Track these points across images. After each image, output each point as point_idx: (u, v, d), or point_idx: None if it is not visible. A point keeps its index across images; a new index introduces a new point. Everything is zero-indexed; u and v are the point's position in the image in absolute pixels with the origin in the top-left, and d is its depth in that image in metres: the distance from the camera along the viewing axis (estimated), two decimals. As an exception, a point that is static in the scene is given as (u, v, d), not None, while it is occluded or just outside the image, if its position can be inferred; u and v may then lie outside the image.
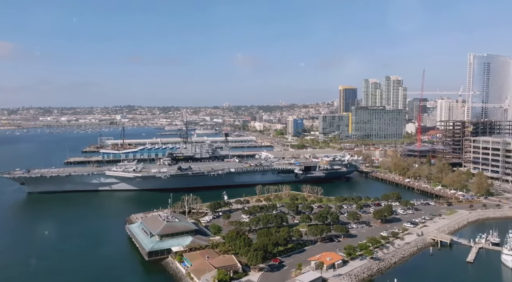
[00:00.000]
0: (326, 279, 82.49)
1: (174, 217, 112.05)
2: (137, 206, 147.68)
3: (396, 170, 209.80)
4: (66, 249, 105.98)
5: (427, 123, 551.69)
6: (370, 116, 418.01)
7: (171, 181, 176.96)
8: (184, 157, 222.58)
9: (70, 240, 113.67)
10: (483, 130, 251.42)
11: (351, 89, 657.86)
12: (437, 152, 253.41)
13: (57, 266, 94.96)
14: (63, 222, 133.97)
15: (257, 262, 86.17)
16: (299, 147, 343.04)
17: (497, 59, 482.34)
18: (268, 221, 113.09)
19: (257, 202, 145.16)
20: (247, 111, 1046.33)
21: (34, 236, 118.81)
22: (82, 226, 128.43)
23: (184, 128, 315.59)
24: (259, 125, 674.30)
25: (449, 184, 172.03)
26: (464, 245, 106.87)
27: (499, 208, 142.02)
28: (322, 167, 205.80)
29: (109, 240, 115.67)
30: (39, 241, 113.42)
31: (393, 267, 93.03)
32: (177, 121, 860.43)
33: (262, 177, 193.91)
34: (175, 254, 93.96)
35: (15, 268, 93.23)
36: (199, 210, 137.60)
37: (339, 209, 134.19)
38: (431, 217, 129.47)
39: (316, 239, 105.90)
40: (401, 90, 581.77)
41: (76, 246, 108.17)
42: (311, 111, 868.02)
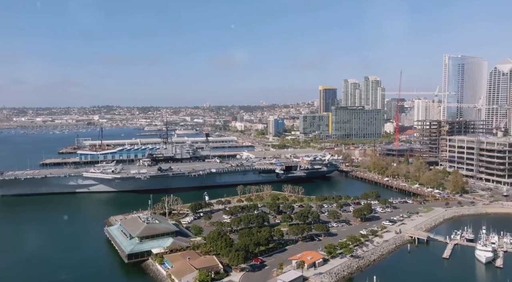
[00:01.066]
0: (307, 278, 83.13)
1: (154, 218, 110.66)
2: (116, 208, 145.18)
3: (375, 169, 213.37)
4: (41, 253, 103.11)
5: (405, 123, 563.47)
6: (349, 116, 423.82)
7: (151, 182, 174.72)
8: (164, 157, 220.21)
9: (46, 244, 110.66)
10: (458, 130, 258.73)
11: (331, 89, 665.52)
12: (415, 151, 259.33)
13: (31, 271, 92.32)
14: (38, 226, 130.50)
15: (239, 262, 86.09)
16: (280, 147, 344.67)
17: (471, 60, 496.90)
18: (249, 221, 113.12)
19: (239, 202, 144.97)
20: (228, 111, 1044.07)
21: (7, 240, 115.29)
22: (59, 229, 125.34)
23: (164, 129, 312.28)
24: (240, 125, 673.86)
25: (426, 182, 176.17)
26: (440, 241, 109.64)
27: (473, 205, 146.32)
28: (303, 166, 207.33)
29: (87, 243, 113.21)
30: (12, 246, 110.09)
31: (372, 265, 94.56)
32: (157, 122, 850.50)
33: (243, 177, 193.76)
34: (156, 256, 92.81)
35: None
36: (179, 211, 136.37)
37: (319, 208, 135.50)
38: (409, 214, 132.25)
39: (297, 238, 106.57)
40: (380, 90, 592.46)
41: (52, 250, 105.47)
42: (291, 111, 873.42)
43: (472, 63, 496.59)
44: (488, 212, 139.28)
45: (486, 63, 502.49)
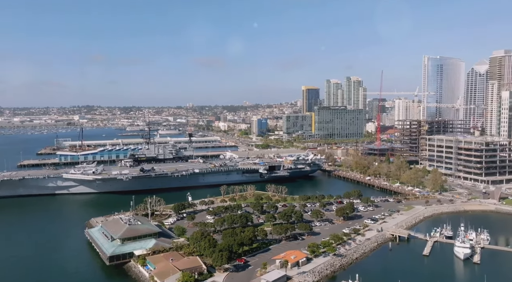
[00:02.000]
0: (290, 277, 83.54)
1: (136, 219, 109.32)
2: (97, 210, 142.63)
3: (357, 168, 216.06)
4: (20, 257, 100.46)
5: (386, 122, 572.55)
6: (332, 116, 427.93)
7: (133, 182, 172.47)
8: (147, 158, 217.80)
9: (24, 247, 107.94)
10: (437, 129, 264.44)
11: (314, 89, 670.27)
12: (396, 150, 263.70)
13: (9, 275, 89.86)
14: (16, 228, 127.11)
15: (222, 262, 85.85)
16: (264, 147, 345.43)
17: (449, 61, 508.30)
18: (233, 221, 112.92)
19: (222, 202, 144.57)
20: (211, 111, 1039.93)
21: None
22: (38, 232, 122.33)
23: (146, 129, 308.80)
24: (224, 125, 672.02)
25: (407, 181, 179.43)
26: (420, 239, 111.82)
27: (452, 203, 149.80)
28: (286, 166, 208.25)
29: (67, 246, 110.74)
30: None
31: (355, 263, 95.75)
32: (139, 122, 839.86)
33: (227, 177, 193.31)
34: (138, 258, 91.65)
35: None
36: (162, 212, 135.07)
37: (303, 208, 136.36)
38: (390, 213, 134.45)
39: (280, 238, 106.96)
40: (361, 90, 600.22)
41: (31, 254, 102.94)
42: (275, 111, 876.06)
43: (450, 64, 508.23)
44: (466, 210, 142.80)
45: (464, 64, 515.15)
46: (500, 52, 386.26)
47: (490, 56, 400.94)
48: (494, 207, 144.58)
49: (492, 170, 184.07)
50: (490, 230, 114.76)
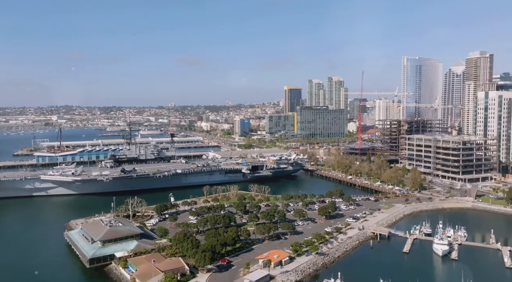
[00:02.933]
0: (273, 276, 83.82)
1: (117, 221, 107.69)
2: (76, 212, 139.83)
3: (339, 168, 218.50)
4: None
5: (367, 122, 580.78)
6: (314, 116, 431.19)
7: (114, 184, 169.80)
8: (128, 158, 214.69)
9: (1, 251, 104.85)
10: (416, 129, 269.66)
11: (296, 89, 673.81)
12: (376, 149, 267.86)
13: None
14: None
15: (205, 263, 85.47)
16: (246, 147, 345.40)
17: (427, 62, 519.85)
18: (216, 221, 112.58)
19: (205, 202, 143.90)
20: (194, 111, 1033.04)
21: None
22: (15, 235, 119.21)
23: (127, 129, 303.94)
24: (206, 125, 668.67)
25: (387, 180, 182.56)
26: (400, 236, 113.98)
27: (431, 201, 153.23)
28: (269, 166, 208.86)
29: (46, 249, 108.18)
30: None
31: (337, 261, 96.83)
32: (119, 122, 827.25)
33: (209, 177, 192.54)
34: (119, 260, 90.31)
35: None
36: (144, 213, 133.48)
37: (285, 207, 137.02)
38: (371, 211, 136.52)
39: (263, 238, 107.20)
40: (343, 90, 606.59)
41: (8, 257, 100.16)
42: (257, 111, 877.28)
43: (429, 65, 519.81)
44: (444, 207, 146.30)
45: (441, 65, 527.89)
46: (476, 53, 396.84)
47: (467, 58, 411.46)
48: (471, 205, 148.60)
49: (469, 168, 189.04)
50: (467, 227, 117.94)
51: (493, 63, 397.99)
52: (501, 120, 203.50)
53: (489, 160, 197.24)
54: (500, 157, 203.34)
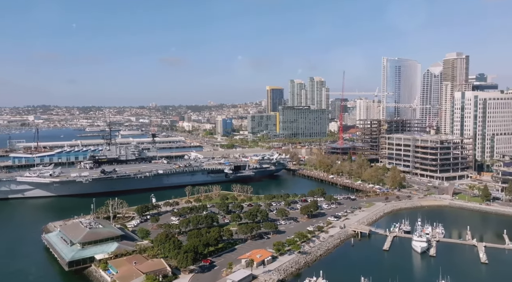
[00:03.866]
0: (256, 276, 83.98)
1: (97, 223, 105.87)
2: (55, 214, 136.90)
3: (321, 167, 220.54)
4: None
5: (348, 122, 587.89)
6: (296, 115, 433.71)
7: (93, 185, 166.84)
8: (108, 159, 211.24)
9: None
10: (396, 128, 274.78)
11: (278, 89, 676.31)
12: (357, 149, 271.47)
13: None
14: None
15: (187, 264, 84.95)
16: (229, 147, 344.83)
17: (406, 62, 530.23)
18: (198, 222, 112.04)
19: (187, 203, 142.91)
20: (175, 111, 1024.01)
21: None
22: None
23: (107, 129, 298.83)
24: (188, 125, 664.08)
25: (368, 179, 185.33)
26: (381, 234, 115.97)
27: (410, 199, 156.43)
28: (251, 166, 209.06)
29: (23, 252, 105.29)
30: None
31: (319, 260, 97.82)
32: (99, 122, 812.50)
33: (191, 177, 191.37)
34: (99, 262, 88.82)
35: None
36: (125, 215, 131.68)
37: (268, 207, 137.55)
38: (352, 210, 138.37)
39: (246, 237, 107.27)
40: (324, 90, 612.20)
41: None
42: (239, 111, 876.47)
43: (408, 65, 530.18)
44: (422, 205, 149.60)
45: (420, 65, 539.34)
46: (453, 54, 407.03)
47: (444, 59, 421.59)
48: (448, 202, 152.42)
49: (446, 167, 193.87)
50: (445, 224, 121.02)
51: (469, 64, 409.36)
52: (477, 120, 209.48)
53: (465, 158, 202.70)
54: (476, 156, 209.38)
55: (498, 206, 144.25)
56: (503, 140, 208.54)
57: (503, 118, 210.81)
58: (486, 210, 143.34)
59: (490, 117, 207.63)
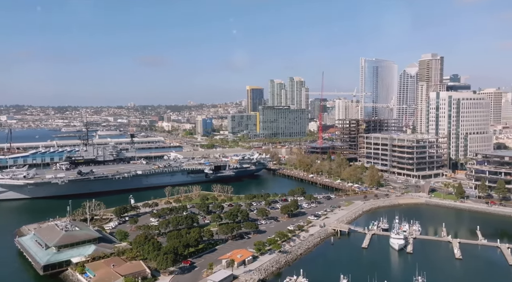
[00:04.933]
0: (237, 276, 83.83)
1: (74, 225, 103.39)
2: (29, 217, 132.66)
3: (301, 166, 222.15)
4: None
5: (327, 121, 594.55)
6: (276, 115, 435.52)
7: (70, 186, 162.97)
8: (85, 160, 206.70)
9: None
10: (374, 128, 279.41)
11: (258, 89, 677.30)
12: (336, 148, 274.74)
13: None
14: None
15: (167, 265, 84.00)
16: (209, 147, 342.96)
17: (384, 63, 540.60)
18: (178, 222, 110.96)
19: (167, 204, 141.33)
20: (154, 111, 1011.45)
21: None
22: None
23: (84, 130, 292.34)
24: (167, 125, 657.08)
25: (347, 178, 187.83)
26: (359, 232, 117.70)
27: (387, 197, 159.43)
28: (232, 166, 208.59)
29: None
30: None
31: (299, 258, 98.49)
32: (75, 122, 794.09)
33: (171, 178, 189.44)
34: (76, 265, 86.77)
35: None
36: (103, 216, 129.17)
37: (248, 207, 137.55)
38: (332, 209, 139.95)
39: (227, 238, 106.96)
40: (304, 90, 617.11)
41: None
42: (220, 111, 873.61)
43: (385, 66, 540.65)
44: (400, 203, 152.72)
45: (397, 66, 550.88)
46: (428, 55, 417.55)
47: (419, 60, 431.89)
48: (424, 200, 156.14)
49: (422, 166, 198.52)
50: (421, 221, 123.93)
51: (443, 65, 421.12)
52: (451, 120, 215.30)
53: (440, 157, 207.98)
54: (450, 154, 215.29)
55: (471, 203, 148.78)
56: (476, 139, 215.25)
57: (475, 118, 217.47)
58: (460, 207, 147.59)
59: (463, 117, 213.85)
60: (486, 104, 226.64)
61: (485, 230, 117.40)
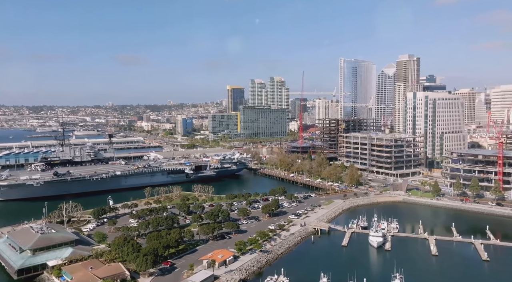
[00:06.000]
0: (218, 276, 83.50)
1: (50, 228, 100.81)
2: (2, 219, 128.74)
3: (282, 166, 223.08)
4: None
5: (308, 121, 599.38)
6: (257, 115, 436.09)
7: (45, 188, 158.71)
8: (61, 161, 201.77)
9: None
10: (353, 127, 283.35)
11: (239, 89, 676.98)
12: (317, 147, 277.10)
13: None
14: None
15: (147, 267, 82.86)
16: (189, 147, 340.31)
17: (362, 64, 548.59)
18: (158, 223, 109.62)
19: (146, 205, 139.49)
20: (133, 111, 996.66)
21: None
22: None
23: (60, 130, 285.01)
24: (147, 125, 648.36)
25: (327, 177, 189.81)
26: (339, 231, 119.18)
27: (367, 196, 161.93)
28: (212, 165, 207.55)
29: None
30: None
31: (280, 258, 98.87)
32: (51, 122, 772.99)
33: (151, 178, 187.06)
34: (52, 269, 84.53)
35: None
36: (80, 218, 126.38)
37: (230, 206, 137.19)
38: (312, 207, 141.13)
39: (208, 238, 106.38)
40: (284, 90, 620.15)
41: None
42: (200, 111, 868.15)
43: (364, 66, 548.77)
44: (378, 201, 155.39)
45: (375, 67, 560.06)
46: (405, 56, 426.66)
47: (397, 60, 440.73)
48: (402, 198, 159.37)
49: (400, 164, 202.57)
50: (399, 219, 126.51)
51: (420, 66, 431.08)
52: (427, 119, 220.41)
53: (417, 156, 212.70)
54: (427, 153, 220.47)
55: (447, 201, 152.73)
56: (451, 138, 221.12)
57: (451, 118, 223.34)
58: (436, 204, 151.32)
59: (439, 116, 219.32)
60: (460, 104, 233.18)
61: (460, 226, 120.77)
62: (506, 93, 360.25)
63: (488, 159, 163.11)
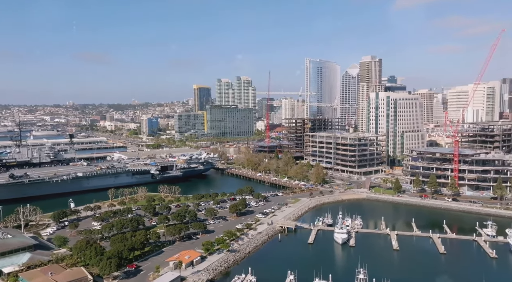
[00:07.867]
0: (185, 277, 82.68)
1: (5, 233, 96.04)
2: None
3: (249, 165, 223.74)
4: None
5: (274, 121, 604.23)
6: (224, 115, 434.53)
7: (0, 191, 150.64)
8: (18, 162, 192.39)
9: None
10: (319, 127, 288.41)
11: (206, 88, 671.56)
12: (284, 147, 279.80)
13: None
14: None
15: (111, 270, 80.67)
16: (155, 147, 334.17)
17: (327, 64, 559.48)
18: (122, 225, 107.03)
19: (110, 207, 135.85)
20: (96, 110, 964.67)
21: None
22: None
23: (16, 130, 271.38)
24: (110, 125, 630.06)
25: (294, 176, 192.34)
26: (306, 228, 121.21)
27: (332, 194, 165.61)
28: (179, 166, 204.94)
29: None
30: None
31: (248, 257, 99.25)
32: (6, 122, 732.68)
33: (115, 179, 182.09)
34: (8, 276, 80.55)
35: None
36: (39, 222, 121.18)
37: (197, 207, 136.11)
38: (279, 206, 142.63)
39: (174, 239, 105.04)
40: (251, 90, 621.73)
41: None
42: (166, 110, 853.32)
43: (328, 67, 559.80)
44: (343, 199, 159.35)
45: (339, 67, 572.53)
46: (368, 58, 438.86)
47: (360, 61, 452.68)
48: (365, 195, 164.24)
49: (364, 162, 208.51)
50: (363, 216, 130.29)
51: (382, 67, 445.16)
52: (389, 118, 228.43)
53: (380, 154, 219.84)
54: (389, 151, 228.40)
55: (407, 197, 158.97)
56: (411, 137, 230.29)
57: (411, 117, 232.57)
58: (397, 201, 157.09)
59: (400, 116, 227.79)
60: (420, 104, 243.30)
61: (419, 222, 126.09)
62: (461, 94, 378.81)
63: (445, 157, 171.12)
